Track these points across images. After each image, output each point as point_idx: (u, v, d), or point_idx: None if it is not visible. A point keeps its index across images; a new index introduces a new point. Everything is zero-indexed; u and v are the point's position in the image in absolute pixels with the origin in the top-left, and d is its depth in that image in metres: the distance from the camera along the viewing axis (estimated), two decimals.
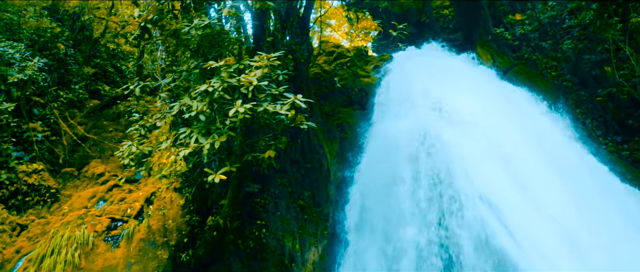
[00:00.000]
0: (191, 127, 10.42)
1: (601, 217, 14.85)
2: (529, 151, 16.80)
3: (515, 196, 15.17)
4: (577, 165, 17.45)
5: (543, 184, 15.50)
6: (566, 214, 14.48)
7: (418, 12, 33.33)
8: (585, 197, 15.46)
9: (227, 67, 10.35)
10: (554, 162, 16.57)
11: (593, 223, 14.42)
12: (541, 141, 17.83)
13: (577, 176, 16.50)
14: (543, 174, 15.97)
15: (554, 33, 24.34)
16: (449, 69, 22.77)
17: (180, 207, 14.54)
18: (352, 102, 21.80)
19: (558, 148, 17.95)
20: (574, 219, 14.40)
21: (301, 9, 19.32)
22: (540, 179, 15.72)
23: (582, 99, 21.59)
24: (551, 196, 15.06)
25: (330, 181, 17.81)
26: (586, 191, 15.82)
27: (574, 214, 14.56)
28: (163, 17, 12.47)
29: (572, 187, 15.62)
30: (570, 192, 15.42)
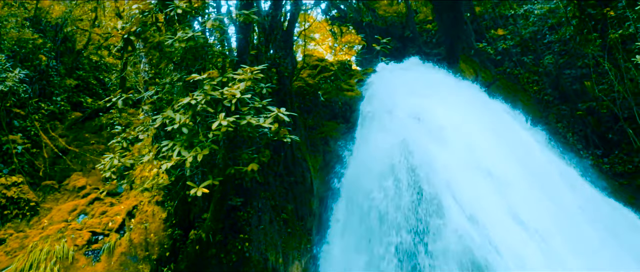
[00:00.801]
0: (174, 140, 10.36)
1: (582, 230, 14.99)
2: (511, 164, 16.94)
3: (498, 209, 15.26)
4: (559, 178, 17.62)
5: (525, 197, 15.62)
6: (547, 227, 14.58)
7: (401, 27, 33.60)
8: (566, 211, 15.61)
9: (210, 80, 10.31)
10: (535, 175, 16.72)
11: (574, 236, 14.54)
12: (523, 154, 17.99)
13: (558, 189, 16.67)
14: (525, 186, 16.09)
15: (535, 48, 24.68)
16: (432, 83, 22.92)
17: (163, 221, 14.41)
18: (336, 115, 21.84)
19: (539, 161, 18.12)
20: (555, 232, 14.51)
21: (285, 22, 19.37)
22: (522, 191, 15.84)
23: (563, 113, 21.85)
24: (532, 208, 15.18)
25: (314, 194, 17.78)
26: (567, 204, 15.98)
27: (555, 227, 14.67)
28: (146, 29, 12.43)
29: (553, 200, 15.76)
30: (552, 205, 15.55)
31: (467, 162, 16.73)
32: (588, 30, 19.85)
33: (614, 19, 19.60)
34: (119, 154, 11.96)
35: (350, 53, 41.09)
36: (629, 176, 18.73)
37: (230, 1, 19.18)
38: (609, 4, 19.66)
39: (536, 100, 22.97)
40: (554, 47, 23.79)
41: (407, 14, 33.29)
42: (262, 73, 10.72)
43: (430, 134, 18.25)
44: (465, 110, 19.69)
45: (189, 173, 12.84)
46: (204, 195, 9.91)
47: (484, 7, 29.42)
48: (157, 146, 11.74)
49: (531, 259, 13.60)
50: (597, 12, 19.53)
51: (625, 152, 19.22)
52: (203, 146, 9.88)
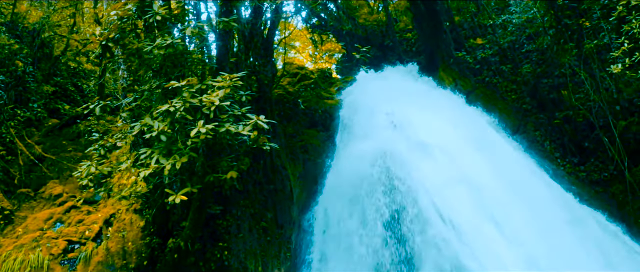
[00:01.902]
0: (152, 148, 10.27)
1: (559, 237, 15.16)
2: (490, 171, 17.10)
3: (477, 216, 15.39)
4: (536, 186, 17.82)
5: (503, 204, 15.78)
6: (525, 234, 14.74)
7: (381, 35, 33.80)
8: (543, 217, 15.77)
9: (189, 87, 10.26)
10: (513, 182, 16.90)
11: (550, 242, 14.71)
12: (502, 162, 18.18)
13: (535, 196, 16.85)
14: (503, 194, 16.25)
15: (513, 57, 24.97)
16: (412, 92, 23.11)
17: (141, 229, 14.25)
18: (316, 123, 21.86)
19: (517, 169, 18.32)
20: (532, 238, 14.66)
21: (265, 30, 19.35)
22: (500, 199, 16.00)
23: (540, 122, 22.11)
24: (511, 215, 15.34)
25: (294, 202, 17.75)
26: (544, 211, 16.14)
27: (532, 234, 14.83)
28: (125, 35, 12.34)
29: (530, 208, 15.92)
30: (530, 212, 15.71)
31: (446, 170, 16.87)
32: (565, 40, 20.15)
33: (589, 30, 19.93)
34: (96, 162, 11.81)
35: (330, 61, 41.24)
36: (604, 183, 18.99)
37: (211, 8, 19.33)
38: (584, 14, 19.99)
39: (514, 109, 23.21)
40: (531, 57, 24.09)
41: (387, 23, 33.50)
42: (242, 80, 10.69)
43: (409, 142, 18.38)
44: (444, 118, 19.86)
45: (168, 181, 12.77)
46: (183, 203, 9.85)
47: (463, 16, 29.72)
48: (135, 154, 11.63)
49: (510, 265, 13.72)
50: (573, 23, 19.85)
51: (601, 160, 19.49)
52: (182, 153, 9.81)
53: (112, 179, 15.61)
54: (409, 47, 32.45)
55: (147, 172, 9.92)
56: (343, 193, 17.52)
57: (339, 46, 38.07)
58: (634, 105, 18.52)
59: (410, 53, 31.66)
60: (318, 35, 39.25)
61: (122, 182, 15.43)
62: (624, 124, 18.29)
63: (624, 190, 17.86)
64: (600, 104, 19.06)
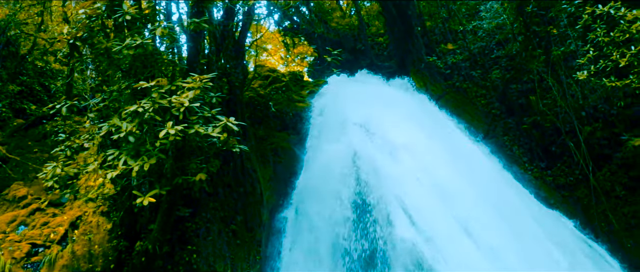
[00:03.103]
0: (120, 149, 10.13)
1: (526, 240, 15.40)
2: (459, 175, 17.29)
3: (446, 220, 15.54)
4: (504, 190, 18.08)
5: (471, 208, 15.97)
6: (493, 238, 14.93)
7: (354, 39, 33.95)
8: (511, 221, 16.00)
9: (158, 88, 10.14)
10: (481, 186, 17.11)
11: (518, 245, 14.93)
12: (470, 166, 18.40)
13: (503, 200, 17.10)
14: (471, 197, 16.45)
15: (483, 63, 25.31)
16: (383, 96, 23.24)
17: (108, 232, 14.02)
18: (287, 126, 21.82)
19: (486, 173, 18.56)
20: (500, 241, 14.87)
21: (237, 32, 19.24)
22: (468, 202, 16.19)
23: (509, 127, 22.44)
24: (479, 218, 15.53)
25: (264, 205, 17.66)
26: (512, 215, 16.38)
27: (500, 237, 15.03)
28: (93, 35, 12.13)
29: (498, 211, 16.14)
30: (497, 215, 15.93)
31: (416, 174, 17.00)
32: (533, 47, 20.50)
33: (557, 37, 20.33)
34: (62, 163, 11.57)
35: (302, 64, 41.30)
36: (570, 187, 19.33)
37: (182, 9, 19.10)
38: (552, 22, 20.39)
39: (484, 113, 23.50)
40: (501, 62, 24.45)
41: (360, 27, 33.67)
42: (212, 82, 10.61)
43: (380, 146, 18.50)
44: (415, 122, 20.03)
45: (136, 183, 12.60)
46: (151, 205, 9.74)
47: (434, 22, 30.04)
48: (103, 155, 11.45)
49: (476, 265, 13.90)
50: (542, 30, 20.21)
51: (567, 165, 19.83)
52: (150, 154, 9.69)
53: (79, 181, 15.37)
54: (380, 51, 32.66)
55: (114, 174, 9.78)
56: (314, 196, 17.51)
57: (311, 49, 38.15)
58: (599, 112, 18.93)
59: (382, 57, 31.86)
60: (290, 38, 39.28)
61: (89, 184, 15.19)
62: (589, 130, 18.67)
63: (588, 194, 18.23)
64: (566, 109, 19.43)
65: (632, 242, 16.33)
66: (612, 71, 13.93)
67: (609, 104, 18.52)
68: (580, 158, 18.60)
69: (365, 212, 16.21)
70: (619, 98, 16.87)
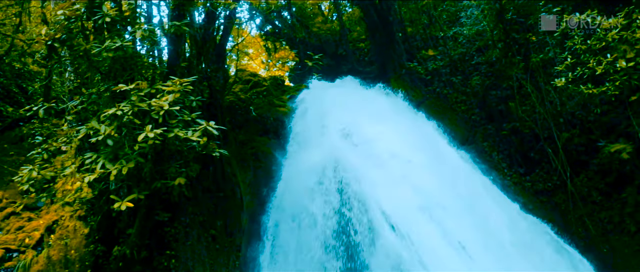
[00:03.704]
0: (98, 152, 10.02)
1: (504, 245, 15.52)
2: (438, 180, 17.38)
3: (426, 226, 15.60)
4: (484, 196, 18.20)
5: (451, 213, 16.05)
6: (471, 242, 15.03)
7: (335, 45, 34.05)
8: (490, 227, 16.12)
9: (138, 91, 10.05)
10: (461, 192, 17.22)
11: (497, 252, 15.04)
12: (450, 171, 18.51)
13: (483, 206, 17.21)
14: (451, 203, 16.54)
15: (463, 69, 25.51)
16: (364, 101, 23.30)
17: (85, 237, 13.82)
18: (268, 131, 21.77)
19: (466, 179, 18.68)
20: (479, 246, 14.96)
21: (218, 36, 19.16)
22: (449, 208, 16.27)
23: (489, 133, 22.61)
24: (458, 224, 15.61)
25: (243, 210, 17.58)
26: (491, 221, 16.50)
27: (479, 242, 15.13)
28: (73, 36, 11.99)
29: (478, 217, 16.26)
30: (476, 221, 16.04)
31: (396, 179, 17.05)
32: (512, 54, 20.71)
33: (535, 44, 20.57)
34: (38, 166, 11.41)
35: (283, 69, 41.29)
36: (548, 193, 19.51)
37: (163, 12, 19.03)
38: (531, 29, 20.63)
39: (464, 119, 23.66)
40: (481, 69, 24.65)
41: (341, 32, 33.78)
42: (193, 86, 10.57)
43: (360, 151, 18.52)
44: (395, 127, 20.09)
45: (114, 187, 12.46)
46: (130, 210, 9.65)
47: (415, 28, 30.23)
48: (81, 158, 11.32)
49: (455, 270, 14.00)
50: (521, 37, 20.43)
51: (545, 171, 20.02)
52: (129, 158, 9.61)
53: (56, 185, 15.11)
54: (362, 57, 32.78)
55: (92, 178, 9.69)
56: (294, 201, 17.48)
57: (292, 54, 38.16)
58: (576, 118, 19.17)
59: (364, 63, 31.97)
60: (271, 43, 39.25)
61: (66, 187, 14.95)
62: (566, 136, 18.89)
63: (566, 199, 18.42)
64: (545, 116, 19.64)
65: (608, 247, 16.54)
66: (589, 78, 14.10)
67: (586, 111, 18.76)
68: (558, 164, 18.79)
69: (345, 217, 16.20)
70: (596, 105, 17.11)
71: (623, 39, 12.89)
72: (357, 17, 34.48)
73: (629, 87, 14.17)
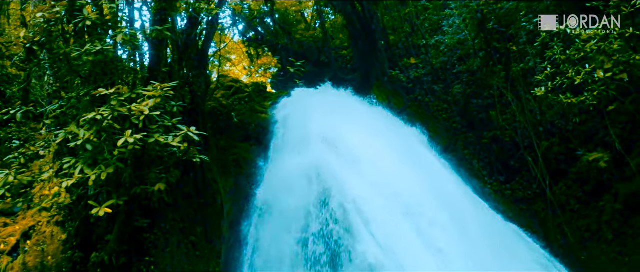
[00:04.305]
0: (77, 157, 9.89)
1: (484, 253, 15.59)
2: (420, 188, 17.43)
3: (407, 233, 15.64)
4: (464, 203, 18.29)
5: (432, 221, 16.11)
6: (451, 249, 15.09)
7: (317, 52, 34.12)
8: (471, 235, 16.19)
9: (118, 96, 9.96)
10: (442, 199, 17.28)
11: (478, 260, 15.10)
12: (432, 179, 18.59)
13: (463, 213, 17.29)
14: (433, 210, 16.59)
15: (445, 77, 25.70)
16: (346, 108, 23.32)
17: (62, 243, 13.61)
18: (249, 137, 21.68)
19: (447, 187, 18.77)
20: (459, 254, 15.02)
21: (200, 41, 19.07)
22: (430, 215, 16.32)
23: (469, 141, 22.77)
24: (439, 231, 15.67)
25: (224, 216, 17.46)
26: (471, 228, 16.58)
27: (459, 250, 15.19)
28: (52, 39, 11.85)
29: (458, 225, 16.32)
30: (457, 228, 16.10)
31: (378, 186, 17.07)
32: (493, 63, 20.92)
33: (516, 54, 20.79)
34: (15, 171, 11.22)
35: (266, 76, 41.28)
36: (528, 201, 19.66)
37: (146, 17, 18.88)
38: (512, 39, 20.86)
39: (445, 127, 23.80)
40: (462, 77, 24.83)
41: (324, 40, 33.87)
42: (174, 91, 10.49)
43: (342, 158, 18.53)
44: (377, 135, 20.14)
45: (93, 192, 12.31)
46: (109, 216, 9.54)
47: (397, 36, 30.43)
48: (59, 163, 11.18)
49: None
50: (502, 46, 20.65)
51: (525, 179, 20.19)
52: (108, 163, 9.51)
53: (33, 190, 14.91)
54: (344, 64, 32.87)
55: (70, 183, 9.57)
56: (275, 208, 17.43)
57: (274, 61, 38.20)
58: (556, 127, 19.38)
59: (346, 70, 32.06)
60: (254, 49, 39.28)
61: (44, 193, 14.73)
62: (546, 145, 19.09)
63: (545, 208, 18.59)
64: (525, 125, 19.83)
65: (586, 254, 16.70)
66: (568, 88, 14.32)
67: (565, 120, 18.99)
68: (537, 172, 18.96)
69: (326, 225, 16.17)
70: (575, 114, 17.35)
71: (601, 49, 13.11)
72: (340, 24, 34.61)
73: (607, 97, 14.44)
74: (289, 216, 16.86)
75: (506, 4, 20.72)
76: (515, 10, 20.21)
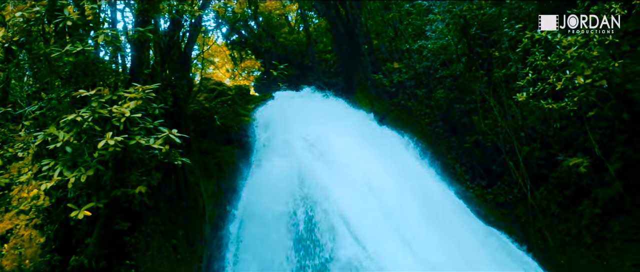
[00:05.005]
0: (56, 159, 9.76)
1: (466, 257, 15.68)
2: (402, 191, 17.50)
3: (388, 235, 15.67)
4: (447, 207, 18.38)
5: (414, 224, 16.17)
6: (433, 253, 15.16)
7: (301, 55, 34.13)
8: (452, 238, 16.28)
9: (99, 97, 9.85)
10: (425, 203, 17.37)
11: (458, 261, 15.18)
12: (414, 182, 18.66)
13: (445, 217, 17.38)
14: (415, 214, 16.66)
15: (428, 82, 25.79)
16: (329, 112, 23.39)
17: (40, 246, 13.41)
18: (232, 140, 21.58)
19: (429, 190, 18.85)
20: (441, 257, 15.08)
21: (183, 43, 18.95)
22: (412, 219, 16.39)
23: (452, 145, 22.86)
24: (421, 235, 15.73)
25: (206, 220, 17.34)
26: (453, 232, 16.67)
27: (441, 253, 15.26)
28: (32, 39, 11.70)
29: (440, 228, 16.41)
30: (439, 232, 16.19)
31: (360, 190, 17.11)
32: (476, 68, 21.04)
33: (498, 59, 20.93)
34: None
35: (249, 79, 41.18)
36: (510, 206, 19.76)
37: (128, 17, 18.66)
38: (494, 45, 21.00)
39: (428, 131, 23.88)
40: (445, 82, 24.93)
41: (307, 43, 33.88)
42: (156, 93, 10.42)
43: (324, 161, 18.55)
44: (359, 138, 20.19)
45: (73, 195, 12.15)
46: (89, 219, 9.43)
47: (381, 40, 30.50)
48: (38, 165, 11.03)
49: None
50: (484, 52, 20.78)
51: (507, 184, 20.29)
52: (88, 166, 9.39)
53: (11, 192, 14.70)
54: (328, 68, 32.89)
55: (49, 185, 9.44)
56: (257, 211, 17.37)
57: (258, 64, 38.12)
58: (537, 132, 19.52)
59: (329, 74, 32.08)
60: (237, 52, 39.15)
61: (22, 195, 14.52)
62: (527, 150, 19.23)
63: (526, 212, 18.70)
64: (506, 130, 19.95)
65: (566, 258, 16.82)
66: (549, 94, 14.47)
67: (546, 125, 19.12)
68: (519, 177, 19.08)
69: (309, 229, 16.16)
70: (555, 120, 17.48)
71: (581, 56, 13.29)
72: (323, 28, 34.66)
73: (587, 103, 14.61)
74: (272, 219, 16.82)
75: (489, 10, 20.89)
76: (498, 16, 20.38)
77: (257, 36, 35.62)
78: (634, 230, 14.82)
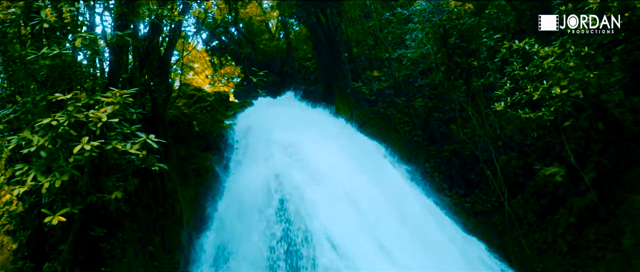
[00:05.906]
0: (30, 164, 9.58)
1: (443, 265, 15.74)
2: (380, 199, 17.52)
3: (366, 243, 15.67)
4: (424, 215, 18.43)
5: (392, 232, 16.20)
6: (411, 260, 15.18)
7: (281, 62, 34.09)
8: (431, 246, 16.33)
9: (75, 101, 9.70)
10: (403, 211, 17.41)
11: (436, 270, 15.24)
12: (392, 191, 18.68)
13: (423, 225, 17.43)
14: (393, 222, 16.69)
15: (407, 91, 25.94)
16: (308, 119, 23.34)
17: (12, 253, 13.15)
18: (210, 147, 21.42)
19: (407, 199, 18.89)
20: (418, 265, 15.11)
21: (162, 48, 18.79)
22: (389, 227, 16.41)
23: (430, 154, 22.99)
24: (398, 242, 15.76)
25: (183, 226, 17.16)
26: (431, 240, 16.73)
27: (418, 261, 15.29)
28: (7, 41, 11.51)
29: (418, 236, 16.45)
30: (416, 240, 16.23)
31: (338, 197, 17.10)
32: (455, 77, 21.22)
33: (477, 69, 21.15)
34: None
35: (229, 85, 40.99)
36: (487, 214, 19.93)
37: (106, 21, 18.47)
38: (473, 54, 21.21)
39: (407, 140, 23.98)
40: (424, 91, 25.11)
41: (287, 50, 33.85)
42: (134, 98, 10.30)
43: (303, 169, 18.49)
44: (338, 146, 20.19)
45: (47, 200, 11.95)
46: (63, 225, 9.28)
47: (361, 49, 30.64)
48: (11, 170, 10.82)
49: None
50: (463, 61, 20.97)
51: (485, 192, 20.47)
52: (63, 171, 9.23)
53: None
54: (308, 75, 32.87)
55: (22, 190, 9.26)
56: (236, 218, 17.24)
57: (238, 70, 37.95)
58: (514, 141, 19.75)
59: (309, 81, 32.07)
60: (217, 58, 38.94)
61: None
62: (505, 159, 19.42)
63: (503, 220, 18.86)
64: (484, 139, 20.13)
65: (542, 266, 16.98)
66: (527, 104, 14.64)
67: (524, 135, 19.35)
68: (496, 186, 19.24)
69: (287, 236, 16.09)
70: (533, 129, 17.68)
71: (557, 66, 13.48)
72: (304, 35, 34.65)
73: (563, 113, 14.81)
74: (250, 225, 16.71)
75: (468, 20, 21.11)
76: (477, 26, 20.59)
77: (238, 42, 35.47)
78: (608, 238, 15.02)
